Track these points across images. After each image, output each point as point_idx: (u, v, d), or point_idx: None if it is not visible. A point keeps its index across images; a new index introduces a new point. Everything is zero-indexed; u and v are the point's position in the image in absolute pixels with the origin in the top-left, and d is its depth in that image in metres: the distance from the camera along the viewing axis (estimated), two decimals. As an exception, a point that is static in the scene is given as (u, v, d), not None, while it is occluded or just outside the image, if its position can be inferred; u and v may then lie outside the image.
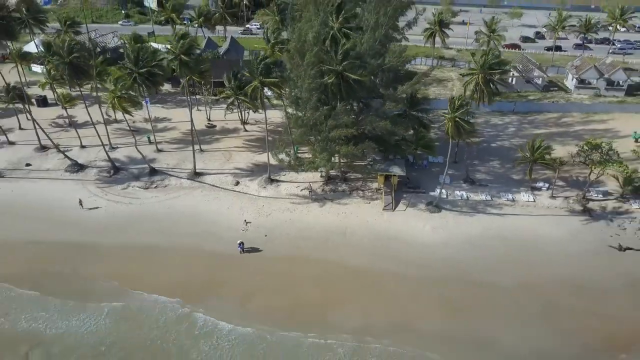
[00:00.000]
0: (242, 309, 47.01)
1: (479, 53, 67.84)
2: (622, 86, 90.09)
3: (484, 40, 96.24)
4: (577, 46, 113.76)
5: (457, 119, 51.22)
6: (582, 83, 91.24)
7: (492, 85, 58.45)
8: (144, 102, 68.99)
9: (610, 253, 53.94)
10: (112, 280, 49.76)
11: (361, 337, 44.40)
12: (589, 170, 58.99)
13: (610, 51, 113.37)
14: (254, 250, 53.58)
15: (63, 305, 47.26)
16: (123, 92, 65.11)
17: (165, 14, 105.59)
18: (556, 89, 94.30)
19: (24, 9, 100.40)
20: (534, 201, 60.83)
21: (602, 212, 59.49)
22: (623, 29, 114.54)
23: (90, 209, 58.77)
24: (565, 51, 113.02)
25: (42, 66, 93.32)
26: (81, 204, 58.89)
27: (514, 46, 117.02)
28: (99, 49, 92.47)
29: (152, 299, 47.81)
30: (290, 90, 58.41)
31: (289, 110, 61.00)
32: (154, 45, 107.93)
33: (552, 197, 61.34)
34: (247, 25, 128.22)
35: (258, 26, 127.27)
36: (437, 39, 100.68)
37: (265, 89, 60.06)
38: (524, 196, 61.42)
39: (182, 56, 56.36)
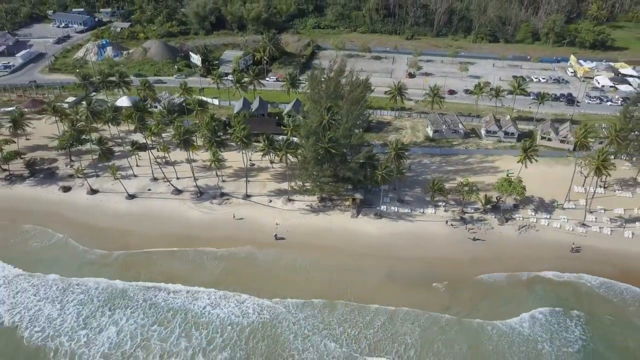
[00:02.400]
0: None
1: (395, 141, 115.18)
2: (514, 135, 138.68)
3: (428, 101, 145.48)
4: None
5: (383, 174, 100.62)
6: (489, 133, 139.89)
7: (401, 158, 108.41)
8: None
9: (467, 242, 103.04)
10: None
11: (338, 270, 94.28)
12: (461, 196, 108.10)
13: (532, 97, 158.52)
14: (282, 239, 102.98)
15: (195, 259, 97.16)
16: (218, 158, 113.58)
17: (213, 79, 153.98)
18: (474, 135, 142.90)
19: (118, 75, 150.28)
20: (435, 213, 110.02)
21: (470, 219, 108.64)
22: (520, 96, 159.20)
23: (239, 219, 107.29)
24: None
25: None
26: (234, 216, 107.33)
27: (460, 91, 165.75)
28: (173, 107, 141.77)
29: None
30: (302, 151, 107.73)
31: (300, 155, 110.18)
32: (203, 98, 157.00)
33: (445, 210, 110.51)
34: (266, 79, 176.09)
35: (274, 79, 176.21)
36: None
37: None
38: (429, 210, 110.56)
39: (243, 139, 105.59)
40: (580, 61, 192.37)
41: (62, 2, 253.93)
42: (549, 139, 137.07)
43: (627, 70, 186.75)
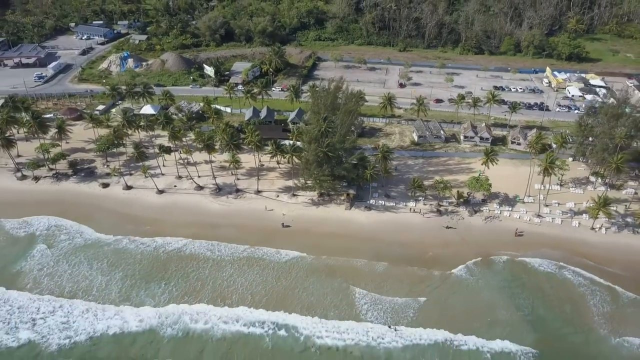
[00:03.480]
0: (286, 246, 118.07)
1: (382, 145, 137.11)
2: (488, 140, 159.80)
3: (415, 109, 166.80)
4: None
5: (370, 173, 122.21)
6: (467, 138, 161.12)
7: (387, 160, 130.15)
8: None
9: (441, 230, 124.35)
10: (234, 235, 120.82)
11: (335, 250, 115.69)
12: (437, 192, 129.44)
13: (508, 106, 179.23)
14: (287, 226, 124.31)
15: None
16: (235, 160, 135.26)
17: (225, 90, 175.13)
18: (454, 140, 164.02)
19: (142, 86, 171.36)
20: (415, 205, 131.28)
21: (445, 211, 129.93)
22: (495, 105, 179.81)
23: (269, 210, 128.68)
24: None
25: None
26: (266, 208, 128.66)
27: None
28: (192, 114, 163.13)
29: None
30: (304, 154, 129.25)
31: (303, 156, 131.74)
32: (217, 107, 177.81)
33: (424, 204, 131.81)
34: (272, 88, 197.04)
35: (279, 89, 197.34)
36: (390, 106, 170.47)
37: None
38: (411, 203, 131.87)
39: (258, 143, 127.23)
40: (555, 72, 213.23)
41: (83, 15, 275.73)
42: (518, 144, 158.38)
43: (596, 81, 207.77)
